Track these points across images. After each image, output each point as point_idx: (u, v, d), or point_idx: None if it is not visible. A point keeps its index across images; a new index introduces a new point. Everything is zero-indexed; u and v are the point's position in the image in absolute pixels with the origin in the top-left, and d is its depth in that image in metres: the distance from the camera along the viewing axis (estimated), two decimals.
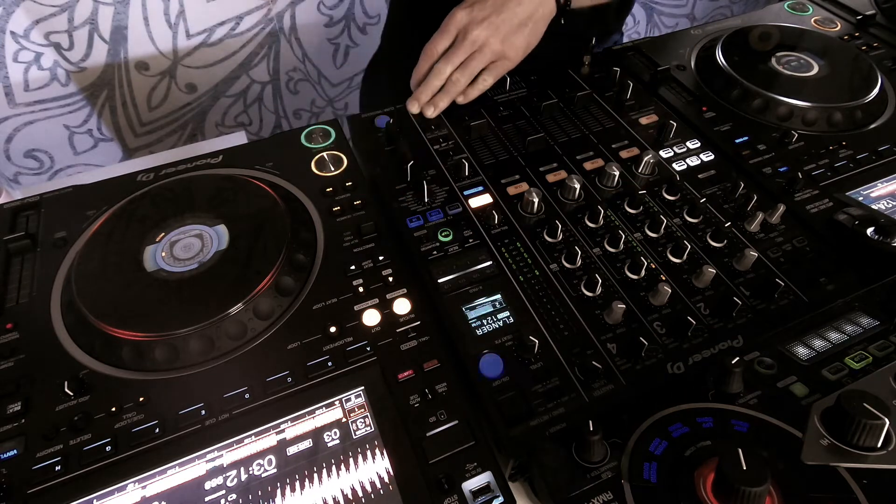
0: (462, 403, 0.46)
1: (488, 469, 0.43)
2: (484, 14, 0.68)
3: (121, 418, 0.45)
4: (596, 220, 0.59)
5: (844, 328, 0.50)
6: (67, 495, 0.41)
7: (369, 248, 0.57)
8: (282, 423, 0.45)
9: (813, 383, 0.45)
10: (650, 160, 0.63)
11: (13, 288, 0.54)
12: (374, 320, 0.51)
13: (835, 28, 0.87)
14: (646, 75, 0.78)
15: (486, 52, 0.69)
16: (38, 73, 1.22)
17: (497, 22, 0.68)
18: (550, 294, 0.53)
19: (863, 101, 0.71)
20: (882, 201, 0.61)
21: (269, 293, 0.51)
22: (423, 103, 0.70)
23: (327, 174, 0.65)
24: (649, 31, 1.92)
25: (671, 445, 0.41)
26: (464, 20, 0.68)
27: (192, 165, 0.66)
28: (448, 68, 0.69)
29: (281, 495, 0.41)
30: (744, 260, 0.54)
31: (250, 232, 0.56)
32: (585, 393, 0.46)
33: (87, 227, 0.59)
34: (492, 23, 0.68)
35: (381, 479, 0.42)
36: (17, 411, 0.45)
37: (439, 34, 0.69)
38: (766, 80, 0.73)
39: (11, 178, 1.36)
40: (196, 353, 0.48)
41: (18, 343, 0.50)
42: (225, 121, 1.50)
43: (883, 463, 0.39)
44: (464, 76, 0.69)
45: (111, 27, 1.22)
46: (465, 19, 0.68)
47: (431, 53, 0.70)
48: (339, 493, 0.41)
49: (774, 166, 0.65)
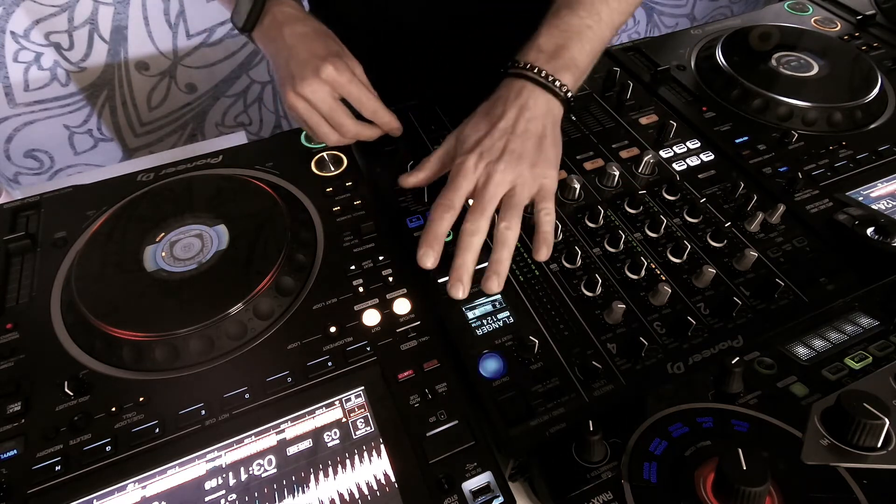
0: (462, 403, 0.46)
1: (488, 469, 0.42)
2: (499, 147, 0.53)
3: (121, 418, 0.45)
4: (596, 220, 0.59)
5: (844, 328, 0.50)
6: (67, 495, 0.41)
7: (369, 248, 0.57)
8: (282, 423, 0.45)
9: (813, 383, 0.45)
10: (650, 160, 0.63)
11: (13, 288, 0.54)
12: (374, 320, 0.51)
13: (835, 28, 0.87)
14: (646, 75, 0.78)
15: (520, 196, 0.53)
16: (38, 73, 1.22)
17: (518, 150, 0.53)
18: (550, 294, 0.53)
19: (863, 101, 0.71)
20: (882, 201, 0.61)
21: (269, 293, 0.51)
22: (467, 286, 0.51)
23: (327, 174, 0.65)
24: (649, 31, 1.92)
25: (671, 445, 0.41)
26: (477, 166, 0.53)
27: (192, 165, 0.66)
28: (477, 241, 0.51)
29: (281, 495, 0.41)
30: (744, 260, 0.54)
31: (250, 232, 0.56)
32: (585, 393, 0.46)
33: (87, 227, 0.59)
34: (513, 154, 0.53)
35: (381, 479, 0.42)
36: (17, 411, 0.45)
37: (452, 189, 0.53)
38: (766, 80, 0.73)
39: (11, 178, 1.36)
40: (196, 353, 0.48)
41: (18, 343, 0.50)
42: (225, 121, 1.50)
43: (883, 463, 0.39)
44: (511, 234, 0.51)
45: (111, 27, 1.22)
46: (478, 165, 0.53)
47: (444, 210, 0.52)
48: (339, 493, 0.41)
49: (774, 166, 0.65)
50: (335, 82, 0.58)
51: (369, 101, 0.61)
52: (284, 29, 0.60)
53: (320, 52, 0.59)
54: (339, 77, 0.58)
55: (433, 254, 0.51)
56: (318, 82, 0.58)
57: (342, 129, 0.61)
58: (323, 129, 0.61)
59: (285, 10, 0.61)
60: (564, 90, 0.56)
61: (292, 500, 0.41)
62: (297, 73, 0.58)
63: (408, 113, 0.72)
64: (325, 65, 0.57)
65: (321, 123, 0.60)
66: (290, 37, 0.59)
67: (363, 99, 0.61)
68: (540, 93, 0.56)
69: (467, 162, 0.53)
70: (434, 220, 0.52)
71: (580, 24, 0.58)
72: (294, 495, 0.41)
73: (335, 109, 0.60)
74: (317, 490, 0.41)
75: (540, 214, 0.54)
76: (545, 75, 0.56)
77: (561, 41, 0.57)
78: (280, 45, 0.60)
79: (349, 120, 0.61)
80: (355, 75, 0.60)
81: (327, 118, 0.60)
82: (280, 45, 0.60)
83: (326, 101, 0.59)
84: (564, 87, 0.56)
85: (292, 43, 0.59)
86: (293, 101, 0.59)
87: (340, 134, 0.61)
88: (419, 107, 0.74)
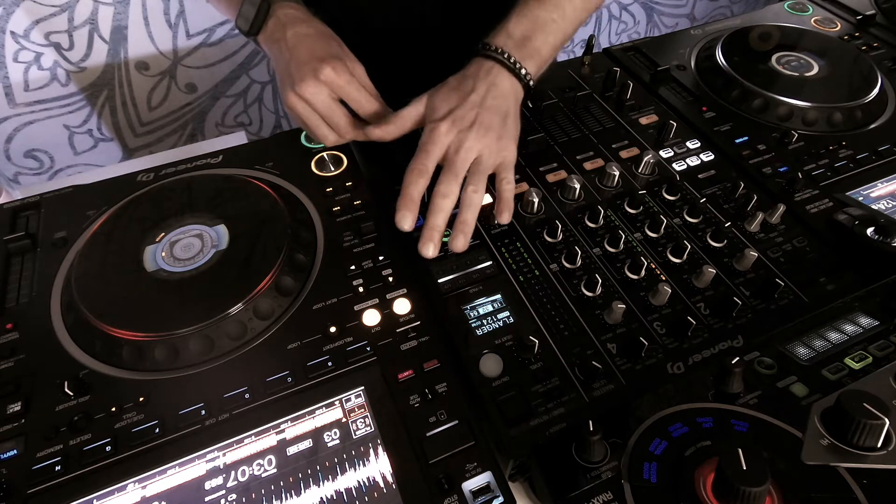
0: (462, 403, 0.46)
1: (488, 469, 0.42)
2: (469, 117, 0.57)
3: (121, 418, 0.45)
4: (596, 220, 0.59)
5: (844, 328, 0.50)
6: (67, 495, 0.41)
7: (369, 248, 0.57)
8: (282, 423, 0.44)
9: (813, 383, 0.45)
10: (650, 160, 0.63)
11: (13, 288, 0.54)
12: (374, 320, 0.51)
13: (835, 28, 0.87)
14: (646, 75, 0.78)
15: (486, 164, 0.57)
16: (38, 73, 1.22)
17: (486, 122, 0.57)
18: (550, 294, 0.53)
19: (863, 101, 0.71)
20: (882, 201, 0.61)
21: (269, 293, 0.51)
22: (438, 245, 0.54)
23: (327, 174, 0.65)
24: (649, 31, 1.92)
25: (671, 445, 0.41)
26: (450, 133, 0.56)
27: (192, 165, 0.66)
28: (449, 203, 0.55)
29: (281, 495, 0.41)
30: (744, 260, 0.54)
31: (250, 232, 0.56)
32: (585, 393, 0.46)
33: (87, 227, 0.60)
34: (482, 125, 0.56)
35: (381, 479, 0.42)
36: (17, 411, 0.45)
37: (424, 154, 0.56)
38: (766, 80, 0.73)
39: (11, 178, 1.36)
40: (196, 353, 0.48)
41: (18, 343, 0.50)
42: (225, 121, 1.50)
43: (883, 463, 0.39)
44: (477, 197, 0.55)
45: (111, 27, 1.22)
46: (449, 132, 0.56)
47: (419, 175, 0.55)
48: (340, 493, 0.41)
49: (774, 166, 0.65)
50: (333, 84, 0.59)
51: (368, 103, 0.62)
52: (287, 30, 0.60)
53: (320, 53, 0.59)
54: (337, 79, 0.59)
55: (410, 216, 0.54)
56: (317, 84, 0.58)
57: (340, 130, 0.61)
58: (322, 130, 0.61)
59: (289, 13, 0.62)
60: (528, 77, 0.61)
61: (292, 500, 0.41)
62: (296, 74, 0.58)
63: None
64: (323, 66, 0.58)
65: (320, 124, 0.61)
66: (293, 38, 0.60)
67: (361, 101, 0.61)
68: (507, 75, 0.60)
69: (440, 128, 0.57)
70: (409, 184, 0.55)
71: (546, 17, 0.63)
72: (294, 495, 0.41)
73: (333, 110, 0.60)
74: (317, 490, 0.41)
75: (502, 183, 0.59)
76: (513, 61, 0.60)
77: (528, 31, 0.62)
78: (282, 47, 0.60)
79: (346, 121, 0.61)
80: (354, 77, 0.61)
81: (326, 119, 0.61)
82: (282, 46, 0.60)
83: (325, 103, 0.59)
84: (528, 75, 0.61)
85: (294, 44, 0.60)
86: (292, 102, 0.59)
87: (339, 135, 0.62)
88: None
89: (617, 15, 1.83)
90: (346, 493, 0.41)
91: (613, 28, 1.86)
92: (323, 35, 0.62)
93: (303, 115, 0.60)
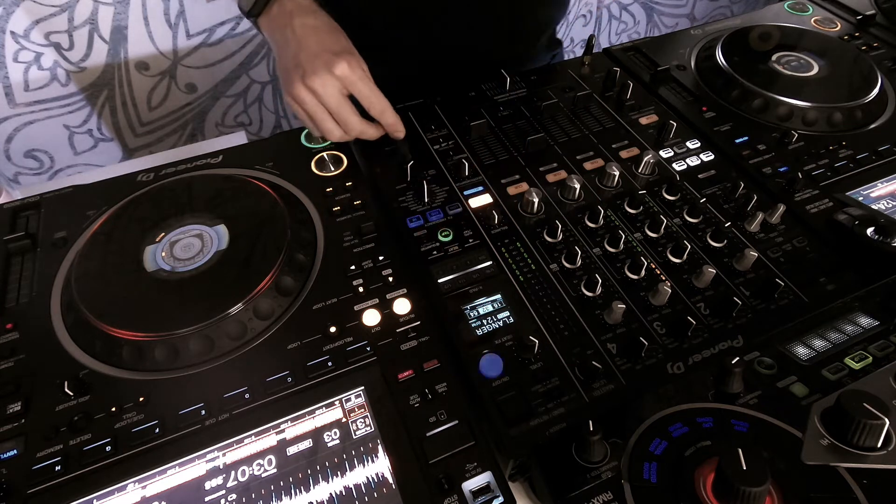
0: (462, 403, 0.46)
1: (488, 469, 0.42)
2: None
3: (121, 418, 0.45)
4: (596, 220, 0.59)
5: (844, 328, 0.50)
6: (67, 495, 0.41)
7: (369, 248, 0.57)
8: (282, 423, 0.44)
9: (813, 383, 0.45)
10: (650, 160, 0.63)
11: (13, 288, 0.54)
12: (374, 320, 0.51)
13: (835, 28, 0.87)
14: (646, 75, 0.78)
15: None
16: (38, 73, 1.22)
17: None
18: (550, 294, 0.53)
19: (863, 101, 0.71)
20: (882, 201, 0.61)
21: (269, 293, 0.51)
22: None
23: (327, 174, 0.65)
24: (649, 31, 1.92)
25: (671, 445, 0.41)
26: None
27: (192, 165, 0.66)
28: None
29: (281, 495, 0.41)
30: (744, 260, 0.54)
31: (250, 232, 0.56)
32: (585, 393, 0.46)
33: (87, 227, 0.59)
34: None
35: (381, 479, 0.42)
36: (17, 411, 0.45)
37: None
38: (766, 80, 0.73)
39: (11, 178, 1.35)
40: (196, 353, 0.48)
41: (18, 343, 0.50)
42: (225, 121, 1.50)
43: (883, 463, 0.39)
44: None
45: (111, 27, 1.22)
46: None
47: None
48: (340, 493, 0.41)
49: (774, 166, 0.65)
50: (347, 79, 0.58)
51: (378, 100, 0.61)
52: (294, 20, 0.59)
53: (333, 47, 0.59)
54: (351, 74, 0.58)
55: None
56: (330, 77, 0.57)
57: (347, 125, 0.61)
58: (328, 125, 0.60)
59: (297, 1, 0.61)
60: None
61: (292, 500, 0.41)
62: (307, 65, 0.58)
63: (408, 113, 0.72)
64: (339, 60, 0.57)
65: (326, 119, 0.60)
66: (301, 28, 0.59)
67: (373, 98, 0.61)
68: None
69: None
70: None
71: None
72: (294, 495, 0.41)
73: (343, 105, 0.60)
74: (317, 490, 0.41)
75: None
76: None
77: None
78: (288, 36, 0.59)
79: (355, 117, 0.61)
80: (365, 73, 0.60)
81: (334, 114, 0.60)
82: (288, 35, 0.59)
83: (335, 97, 0.59)
84: None
85: (302, 34, 0.59)
86: (300, 94, 0.58)
87: (345, 130, 0.61)
88: (419, 107, 0.74)
89: (617, 15, 1.83)
90: (345, 494, 0.41)
91: (613, 28, 1.86)
92: (332, 28, 0.61)
93: (310, 108, 0.59)
